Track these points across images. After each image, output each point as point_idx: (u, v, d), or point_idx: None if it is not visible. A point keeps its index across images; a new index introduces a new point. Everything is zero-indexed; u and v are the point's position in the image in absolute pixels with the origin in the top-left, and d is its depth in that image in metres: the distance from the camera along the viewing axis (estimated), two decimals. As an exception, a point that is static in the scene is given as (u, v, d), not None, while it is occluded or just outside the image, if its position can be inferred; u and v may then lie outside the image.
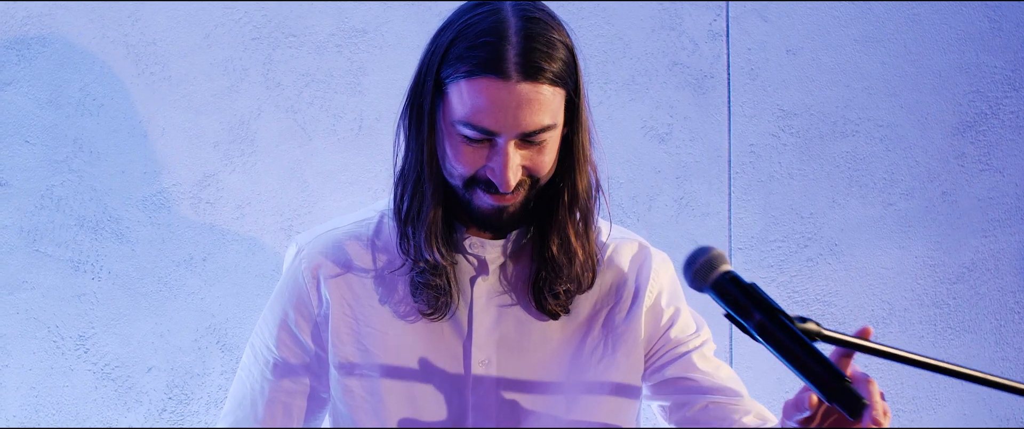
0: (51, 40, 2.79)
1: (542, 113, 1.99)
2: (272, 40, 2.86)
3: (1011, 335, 3.08)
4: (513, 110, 1.98)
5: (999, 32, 3.04)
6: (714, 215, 2.99)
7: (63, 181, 2.81)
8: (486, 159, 2.02)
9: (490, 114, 1.98)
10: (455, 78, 2.00)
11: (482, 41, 1.98)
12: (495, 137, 2.00)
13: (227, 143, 2.85)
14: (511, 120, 1.98)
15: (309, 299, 2.17)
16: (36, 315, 2.81)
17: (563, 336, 2.18)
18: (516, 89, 1.97)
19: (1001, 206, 3.06)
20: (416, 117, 2.07)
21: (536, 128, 2.00)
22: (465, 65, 1.99)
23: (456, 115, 2.01)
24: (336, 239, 2.19)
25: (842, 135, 3.02)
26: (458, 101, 2.00)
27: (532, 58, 1.98)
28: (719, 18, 2.97)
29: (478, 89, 1.98)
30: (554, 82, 2.00)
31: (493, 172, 2.02)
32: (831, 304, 3.03)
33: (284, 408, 2.21)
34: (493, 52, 1.97)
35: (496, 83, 1.97)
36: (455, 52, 2.00)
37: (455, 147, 2.03)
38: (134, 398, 2.84)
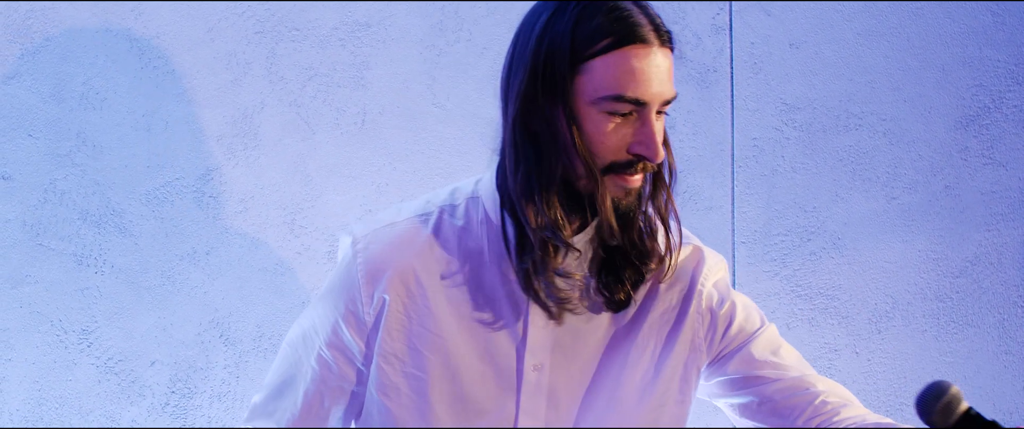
0: (54, 34, 2.79)
1: (673, 79, 2.03)
2: (275, 34, 2.86)
3: (1014, 329, 3.08)
4: (661, 75, 2.00)
5: (1002, 26, 3.04)
6: (717, 209, 2.99)
7: (66, 175, 2.81)
8: (631, 136, 2.01)
9: (641, 82, 1.98)
10: (597, 54, 1.99)
11: (616, 14, 1.99)
12: (642, 108, 2.00)
13: (230, 137, 2.85)
14: (657, 86, 2.00)
15: (361, 297, 2.13)
16: (39, 309, 2.81)
17: (616, 340, 2.16)
18: (659, 54, 2.00)
19: (1004, 200, 3.06)
20: (545, 115, 2.02)
21: (672, 95, 2.04)
22: (607, 38, 1.99)
23: (602, 91, 1.99)
24: (395, 236, 2.14)
25: (845, 129, 3.02)
26: (602, 77, 1.99)
27: (658, 24, 2.02)
28: (722, 12, 2.97)
29: (629, 58, 1.98)
30: (672, 45, 2.05)
31: (643, 144, 2.01)
32: (834, 298, 3.03)
33: (322, 399, 2.18)
34: (632, 21, 1.99)
35: (644, 49, 1.99)
36: (585, 31, 1.99)
37: (598, 129, 2.01)
38: (137, 392, 2.84)
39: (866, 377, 3.05)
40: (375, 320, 2.14)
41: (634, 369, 2.15)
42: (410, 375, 2.13)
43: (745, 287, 3.00)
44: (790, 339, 3.03)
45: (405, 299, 2.12)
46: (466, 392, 2.12)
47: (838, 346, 3.04)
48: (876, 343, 3.05)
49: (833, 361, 3.04)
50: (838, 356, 3.04)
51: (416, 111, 2.90)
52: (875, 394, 3.05)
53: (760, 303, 3.02)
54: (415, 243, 2.13)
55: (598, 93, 2.00)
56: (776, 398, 2.21)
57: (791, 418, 2.21)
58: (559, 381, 2.13)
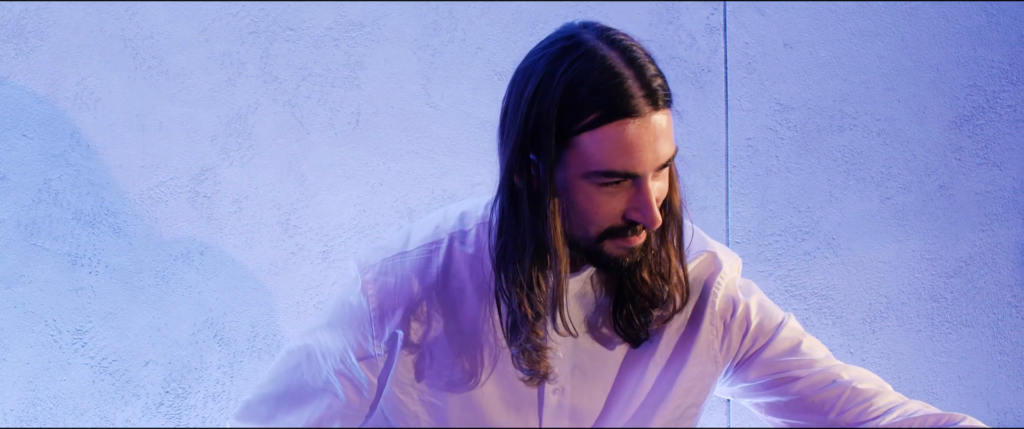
0: (48, 34, 2.79)
1: (671, 139, 1.96)
2: (269, 34, 2.86)
3: (1008, 329, 3.08)
4: (652, 145, 1.92)
5: (996, 26, 3.04)
6: (711, 209, 2.99)
7: (60, 175, 2.81)
8: (626, 202, 1.95)
9: (632, 155, 1.91)
10: (582, 131, 1.91)
11: (602, 88, 1.90)
12: (635, 178, 1.93)
13: (224, 137, 2.85)
14: (651, 155, 1.93)
15: (371, 332, 2.09)
16: (33, 309, 2.81)
17: (636, 358, 2.13)
18: (650, 123, 1.92)
19: (998, 200, 3.06)
20: (529, 184, 1.96)
21: (670, 154, 1.96)
22: (592, 114, 1.90)
23: (591, 166, 1.92)
24: (406, 269, 2.09)
25: (839, 129, 3.02)
26: (590, 152, 1.91)
27: (652, 87, 1.93)
28: (716, 12, 2.97)
29: (614, 135, 1.90)
30: (669, 103, 1.96)
31: (640, 212, 1.94)
32: (828, 298, 3.03)
33: (327, 422, 2.15)
34: (619, 93, 1.90)
35: (632, 123, 1.90)
36: (572, 105, 1.91)
37: (590, 200, 1.95)
38: (132, 392, 2.84)
39: (860, 377, 3.05)
40: (387, 354, 2.10)
41: (649, 382, 2.13)
42: (428, 404, 2.11)
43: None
44: (784, 339, 3.03)
45: (419, 332, 2.09)
46: (487, 418, 2.10)
47: (832, 346, 3.03)
48: (870, 343, 3.05)
49: (827, 361, 3.04)
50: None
51: (410, 111, 2.90)
52: (869, 394, 3.05)
53: (754, 303, 3.02)
54: (427, 275, 2.08)
55: (587, 168, 1.93)
56: (805, 394, 2.18)
57: (823, 412, 2.17)
58: (581, 401, 2.11)
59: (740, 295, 2.18)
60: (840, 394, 2.17)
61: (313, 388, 2.15)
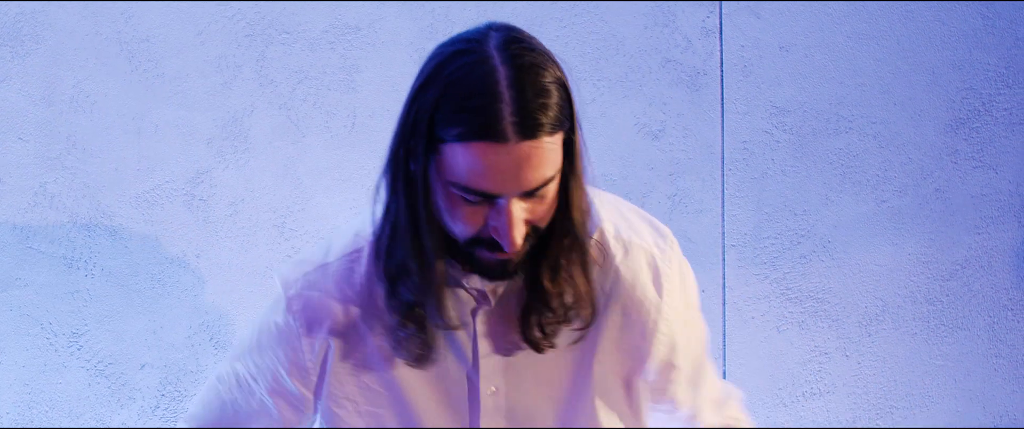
0: (44, 37, 2.80)
1: (544, 167, 1.86)
2: (265, 37, 2.86)
3: (1004, 332, 3.08)
4: (514, 172, 1.84)
5: (992, 29, 3.04)
6: (707, 212, 2.99)
7: (56, 178, 2.81)
8: (487, 218, 1.89)
9: (489, 178, 1.84)
10: (448, 141, 1.85)
11: (473, 103, 1.83)
12: (496, 198, 1.87)
13: (220, 140, 2.85)
14: (512, 181, 1.85)
15: (302, 346, 2.07)
16: (29, 312, 2.81)
17: (571, 358, 2.10)
18: (515, 150, 1.83)
19: (994, 203, 3.06)
20: (405, 175, 1.92)
21: (540, 183, 1.86)
22: (456, 128, 1.83)
23: (452, 177, 1.87)
24: (329, 279, 2.06)
25: (835, 132, 3.02)
26: (452, 164, 1.86)
27: (528, 113, 1.82)
28: (712, 15, 2.97)
29: (475, 154, 1.83)
30: (552, 131, 1.85)
31: (498, 232, 1.88)
32: (824, 301, 3.04)
33: None
34: (486, 114, 1.82)
35: (494, 147, 1.82)
36: (444, 112, 1.85)
37: (453, 207, 1.90)
38: (127, 395, 2.84)
39: (856, 380, 3.05)
40: (320, 368, 2.08)
41: (593, 387, 2.11)
42: (365, 413, 2.09)
43: (735, 290, 3.01)
44: (780, 342, 3.03)
45: (348, 342, 2.06)
46: (424, 422, 2.08)
47: (828, 349, 3.04)
48: (866, 346, 3.05)
49: (823, 364, 3.04)
50: (828, 359, 3.04)
51: (406, 114, 2.90)
52: (865, 397, 3.05)
53: (750, 306, 3.02)
54: (350, 285, 2.05)
55: (449, 177, 1.87)
56: None
57: None
58: (518, 400, 2.09)
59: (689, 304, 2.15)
60: None
61: (248, 412, 2.14)
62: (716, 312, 3.01)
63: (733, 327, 3.02)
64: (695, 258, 3.00)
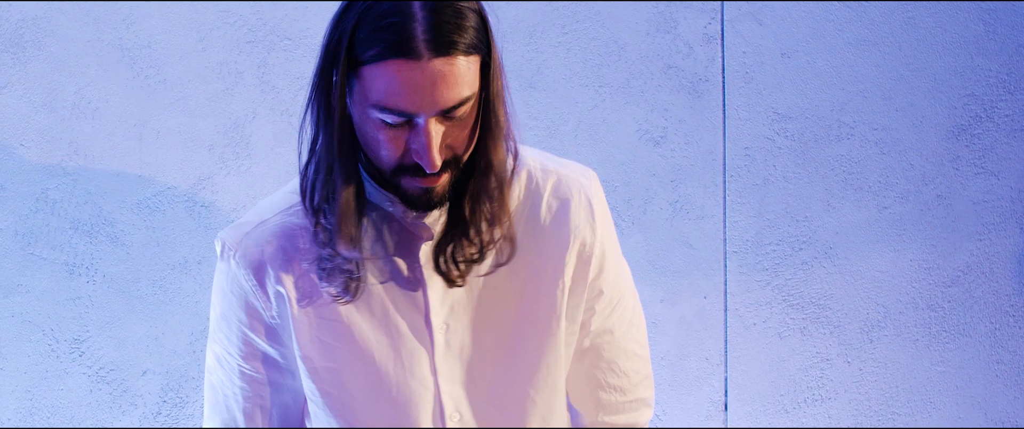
0: (46, 43, 2.79)
1: (459, 86, 1.92)
2: (267, 43, 2.86)
3: (1005, 338, 3.08)
4: (429, 89, 1.90)
5: (994, 35, 3.04)
6: (709, 218, 2.99)
7: (58, 184, 2.81)
8: (408, 141, 1.95)
9: (405, 96, 1.90)
10: (365, 63, 1.92)
11: (387, 22, 1.90)
12: (414, 118, 1.93)
13: (222, 146, 2.85)
14: (428, 99, 1.91)
15: (257, 302, 2.11)
16: (31, 318, 2.81)
17: (509, 286, 2.13)
18: (429, 66, 1.89)
19: (996, 209, 3.06)
20: (324, 106, 1.98)
21: (455, 102, 1.92)
22: (373, 48, 1.90)
23: (370, 99, 1.93)
24: (269, 232, 2.10)
25: (837, 138, 3.02)
26: (371, 86, 1.92)
27: (442, 32, 1.90)
28: (714, 21, 2.98)
29: (390, 72, 1.90)
30: (467, 51, 1.92)
31: (418, 154, 1.94)
32: (826, 307, 3.04)
33: (262, 411, 2.17)
34: (400, 32, 1.89)
35: (408, 64, 1.89)
36: (360, 36, 1.92)
37: (374, 132, 1.96)
38: (129, 401, 2.84)
39: (858, 386, 3.05)
40: (280, 318, 2.11)
41: (530, 318, 2.14)
42: (323, 369, 2.11)
43: (737, 296, 3.01)
44: (782, 348, 3.03)
45: (297, 294, 2.09)
46: (381, 369, 2.10)
47: (830, 355, 3.04)
48: (868, 352, 3.05)
49: (825, 370, 3.04)
50: (830, 365, 3.04)
51: (408, 120, 2.90)
52: (867, 403, 3.05)
53: (752, 312, 3.02)
54: (291, 235, 2.09)
55: (368, 100, 1.93)
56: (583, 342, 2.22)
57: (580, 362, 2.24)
58: (468, 338, 2.11)
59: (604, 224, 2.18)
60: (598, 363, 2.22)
61: (233, 388, 2.17)
62: (718, 318, 3.01)
63: (735, 333, 3.02)
64: (697, 264, 3.00)
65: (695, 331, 3.01)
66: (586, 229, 2.15)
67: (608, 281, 2.20)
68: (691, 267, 3.00)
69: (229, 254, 2.11)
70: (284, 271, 2.09)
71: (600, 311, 2.20)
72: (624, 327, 2.25)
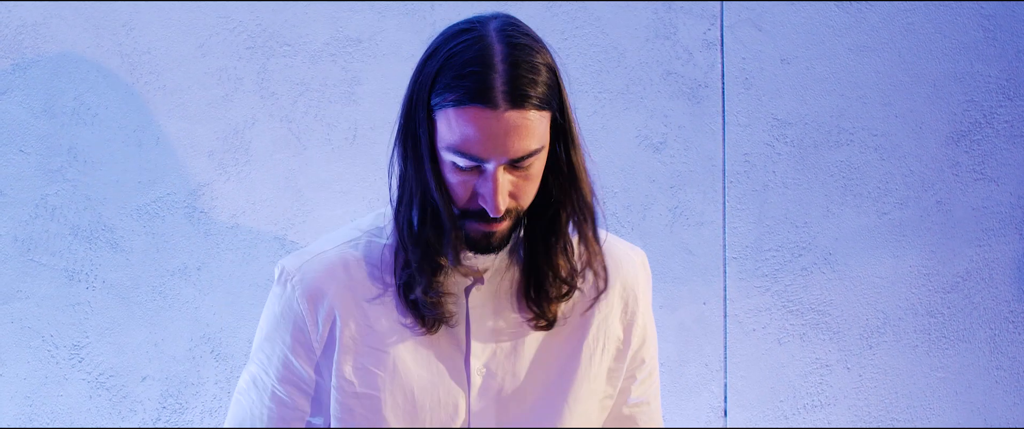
0: (45, 49, 2.79)
1: (529, 138, 2.03)
2: (267, 49, 2.86)
3: (1005, 344, 3.08)
4: (502, 138, 2.01)
5: (993, 41, 3.04)
6: (709, 224, 2.99)
7: (57, 190, 2.81)
8: (475, 186, 2.05)
9: (479, 143, 2.01)
10: (443, 107, 2.03)
11: (469, 70, 2.01)
12: (484, 164, 2.03)
13: (222, 152, 2.85)
14: (500, 147, 2.02)
15: (307, 326, 2.16)
16: (30, 324, 2.81)
17: (559, 341, 2.21)
18: (504, 117, 2.01)
19: (995, 215, 3.06)
20: (412, 145, 2.09)
21: (524, 153, 2.03)
22: (453, 94, 2.02)
23: (445, 142, 2.04)
24: (328, 262, 2.18)
25: (836, 144, 3.02)
26: (447, 130, 2.03)
27: (518, 85, 2.01)
28: (713, 27, 2.98)
29: (467, 118, 2.01)
30: (540, 106, 2.03)
31: (483, 198, 2.04)
32: (825, 313, 3.03)
33: None
34: (480, 81, 2.01)
35: (484, 112, 2.00)
36: (443, 81, 2.03)
37: (447, 174, 2.06)
38: (128, 407, 2.84)
39: (857, 392, 3.05)
40: (325, 344, 2.17)
41: (580, 372, 2.22)
42: (363, 395, 2.16)
43: (736, 302, 3.01)
44: (781, 355, 3.03)
45: (349, 321, 2.16)
46: (418, 403, 2.16)
47: (829, 362, 3.04)
48: (867, 358, 3.05)
49: (824, 377, 3.04)
50: (829, 372, 3.04)
51: (407, 126, 2.90)
52: (867, 410, 3.05)
53: (751, 318, 3.02)
54: (348, 266, 2.17)
55: (443, 142, 2.04)
56: None
57: None
58: (508, 383, 2.18)
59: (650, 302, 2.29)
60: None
61: (261, 408, 2.21)
62: (717, 324, 3.01)
63: (734, 340, 3.02)
64: (696, 270, 3.00)
65: (695, 337, 3.01)
66: (637, 297, 2.26)
67: (649, 352, 2.30)
68: (690, 273, 3.00)
69: (286, 278, 2.18)
70: (339, 299, 2.16)
71: (641, 380, 2.29)
72: (658, 399, 2.34)
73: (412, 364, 2.16)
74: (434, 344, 2.17)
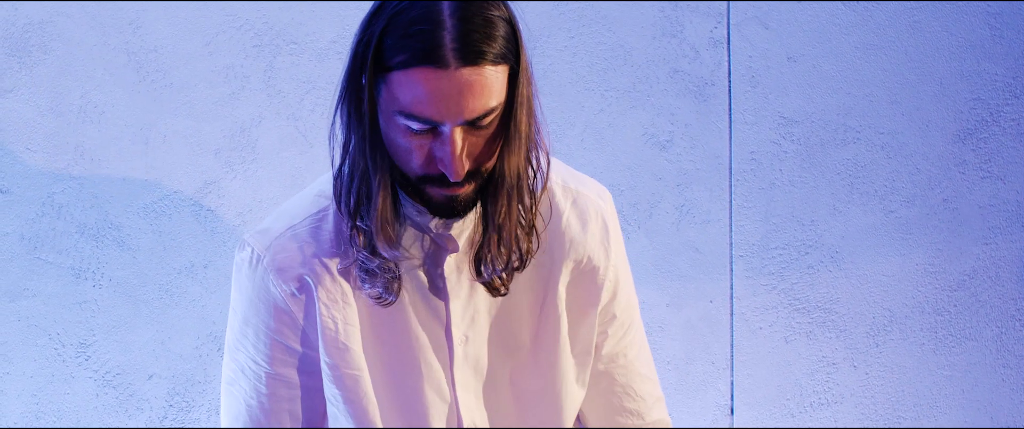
0: (52, 47, 2.80)
1: (486, 96, 1.91)
2: (273, 47, 2.86)
3: (1012, 342, 3.08)
4: (455, 98, 1.89)
5: (1000, 39, 3.04)
6: (715, 222, 2.99)
7: (64, 188, 2.81)
8: (432, 149, 1.94)
9: (431, 104, 1.89)
10: (392, 69, 1.90)
11: (416, 29, 1.88)
12: (439, 126, 1.92)
13: (228, 150, 2.85)
14: (454, 107, 1.89)
15: (287, 305, 2.09)
16: (37, 322, 2.81)
17: (533, 300, 2.13)
18: (456, 76, 1.88)
19: (1002, 213, 3.06)
20: (354, 109, 1.97)
21: (481, 112, 1.91)
22: (400, 55, 1.89)
23: (396, 106, 1.92)
24: (298, 238, 2.09)
25: (843, 142, 3.02)
26: (398, 92, 1.90)
27: (470, 41, 1.89)
28: (720, 25, 2.98)
29: (416, 80, 1.88)
30: (496, 61, 1.91)
31: (442, 163, 1.93)
32: (832, 311, 3.04)
33: (290, 415, 2.16)
34: (428, 40, 1.87)
35: (435, 73, 1.87)
36: (389, 41, 1.90)
37: (400, 138, 1.95)
38: (135, 406, 2.84)
39: (864, 390, 3.05)
40: (308, 320, 2.10)
41: (554, 331, 2.14)
42: (347, 376, 2.11)
43: (743, 300, 3.01)
44: (788, 353, 3.03)
45: (325, 298, 2.08)
46: (401, 378, 2.11)
47: (836, 359, 3.04)
48: (874, 356, 3.05)
49: (831, 375, 3.04)
50: (836, 370, 3.04)
51: (414, 124, 2.91)
52: (873, 407, 3.05)
53: (758, 316, 3.02)
54: (320, 241, 2.08)
55: (394, 106, 1.92)
56: None
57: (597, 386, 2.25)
58: (483, 352, 2.12)
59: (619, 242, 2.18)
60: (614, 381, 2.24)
61: (252, 389, 2.15)
62: (724, 322, 3.01)
63: (741, 338, 3.02)
64: (703, 268, 3.00)
65: (701, 335, 3.01)
66: (600, 252, 2.15)
67: (621, 305, 2.20)
68: (697, 271, 3.00)
69: (256, 261, 2.09)
70: (314, 276, 2.08)
71: (612, 334, 2.20)
72: (636, 350, 2.25)
73: (391, 338, 2.10)
74: (412, 318, 2.09)
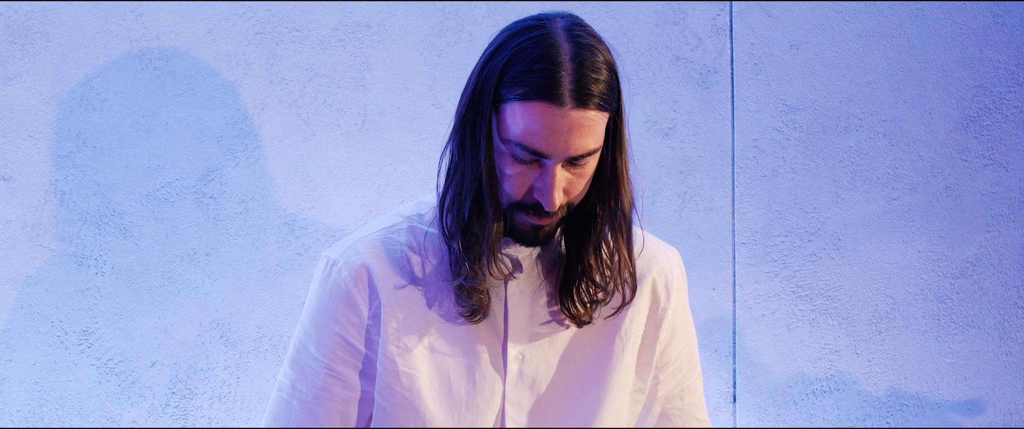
0: (55, 35, 2.80)
1: (590, 137, 2.07)
2: (276, 35, 2.86)
3: (1014, 330, 3.08)
4: (565, 134, 2.06)
5: (1003, 27, 3.04)
6: (718, 210, 2.99)
7: (67, 176, 2.81)
8: (532, 180, 2.09)
9: (542, 137, 2.06)
10: (510, 100, 2.07)
11: (538, 66, 2.05)
12: (544, 159, 2.08)
13: (231, 138, 2.85)
14: (562, 144, 2.06)
15: (357, 304, 2.20)
16: (40, 310, 2.81)
17: (592, 334, 2.24)
18: (569, 115, 2.05)
19: (1004, 201, 3.06)
20: (472, 135, 2.13)
21: (583, 152, 2.08)
22: (520, 88, 2.06)
23: (508, 134, 2.08)
24: (371, 244, 2.22)
25: (846, 130, 3.02)
26: (512, 122, 2.07)
27: (584, 84, 2.05)
28: (723, 13, 2.97)
29: (533, 113, 2.05)
30: (601, 107, 2.08)
31: (540, 193, 2.09)
32: (834, 299, 3.04)
33: (342, 416, 2.24)
34: (548, 78, 2.05)
35: (550, 108, 2.05)
36: (510, 74, 2.07)
37: (506, 166, 2.10)
38: (138, 393, 2.84)
39: (866, 378, 3.05)
40: (375, 321, 2.20)
41: (612, 366, 2.25)
42: (403, 374, 2.19)
43: (745, 288, 3.01)
44: (790, 340, 3.03)
45: (391, 302, 2.19)
46: (454, 386, 2.20)
47: (838, 347, 3.04)
48: (876, 344, 3.05)
49: (833, 362, 3.04)
50: (838, 357, 3.04)
51: (416, 112, 2.90)
52: (875, 395, 3.05)
53: (760, 304, 3.02)
54: (391, 250, 2.21)
55: (505, 135, 2.08)
56: None
57: None
58: (542, 372, 2.22)
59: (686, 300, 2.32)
60: None
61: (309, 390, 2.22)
62: (726, 310, 3.01)
63: (743, 325, 3.02)
64: (705, 256, 3.00)
65: (704, 322, 3.01)
66: (662, 292, 2.29)
67: (677, 351, 2.31)
68: (700, 258, 3.00)
69: (331, 265, 2.21)
70: (382, 280, 2.19)
71: (665, 380, 2.32)
72: (693, 397, 2.36)
73: (450, 348, 2.20)
74: (472, 330, 2.20)
